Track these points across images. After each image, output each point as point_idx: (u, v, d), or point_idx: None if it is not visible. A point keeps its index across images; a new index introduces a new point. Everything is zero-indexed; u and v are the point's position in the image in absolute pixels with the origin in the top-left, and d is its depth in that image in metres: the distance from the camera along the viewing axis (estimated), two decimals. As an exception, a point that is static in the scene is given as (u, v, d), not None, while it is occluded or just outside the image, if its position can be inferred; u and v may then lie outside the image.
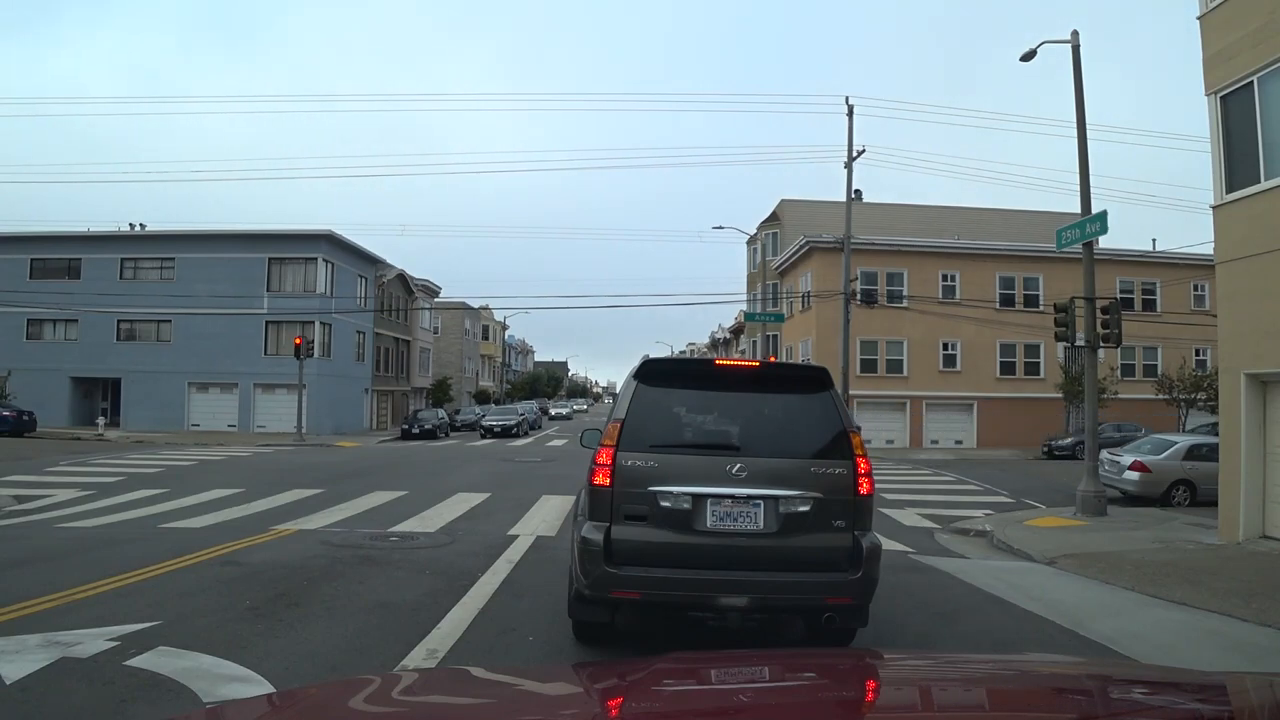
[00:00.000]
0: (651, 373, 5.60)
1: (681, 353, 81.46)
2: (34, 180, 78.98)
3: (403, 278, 51.24)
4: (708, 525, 5.07)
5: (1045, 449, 31.76)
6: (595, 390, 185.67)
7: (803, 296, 40.32)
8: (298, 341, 34.51)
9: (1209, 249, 12.88)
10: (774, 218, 48.35)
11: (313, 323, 38.97)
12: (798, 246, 40.41)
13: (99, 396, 40.90)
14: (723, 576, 5.03)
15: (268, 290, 39.87)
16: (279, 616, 6.38)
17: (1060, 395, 34.43)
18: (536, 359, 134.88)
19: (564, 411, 75.93)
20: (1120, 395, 33.81)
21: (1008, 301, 37.62)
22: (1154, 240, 73.59)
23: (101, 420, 35.32)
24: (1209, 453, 15.56)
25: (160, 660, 5.14)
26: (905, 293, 37.40)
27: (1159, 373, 35.39)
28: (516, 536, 10.66)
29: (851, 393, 31.02)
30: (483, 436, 40.19)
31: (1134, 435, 26.47)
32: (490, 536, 10.60)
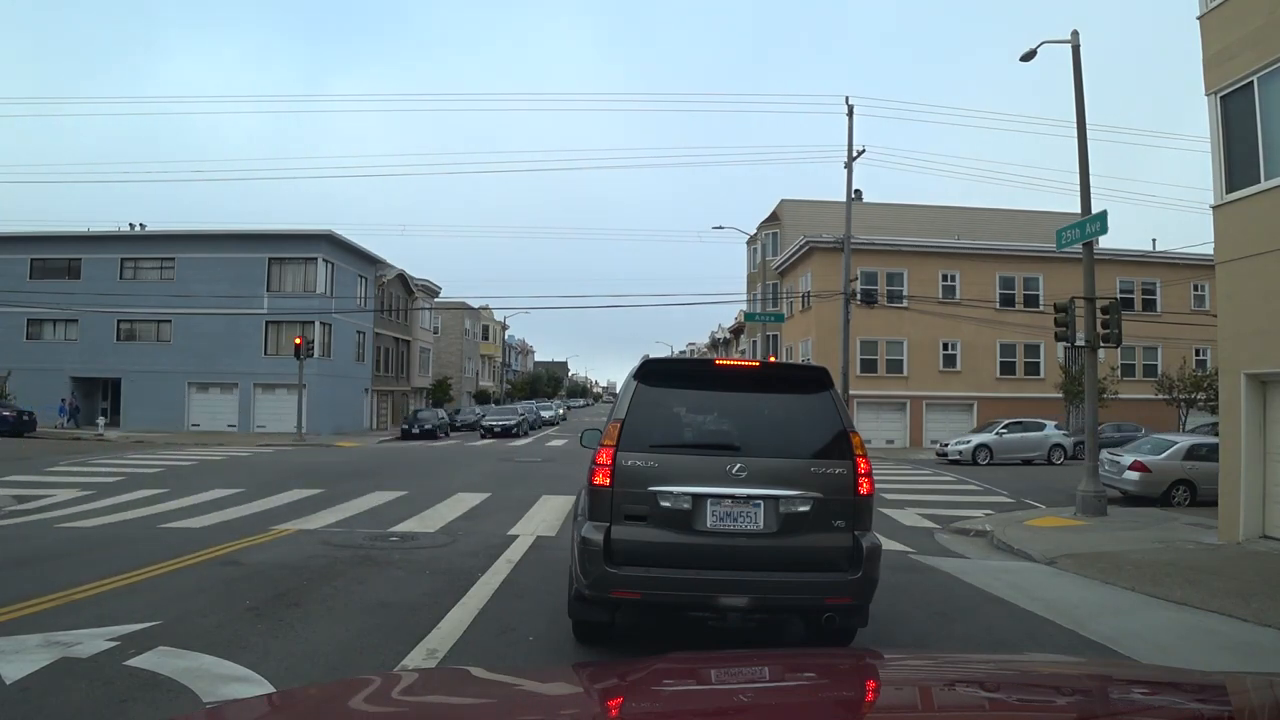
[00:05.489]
0: (651, 373, 5.60)
1: (681, 353, 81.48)
2: (34, 180, 79.03)
3: (403, 278, 51.24)
4: (708, 525, 5.07)
5: (1045, 449, 31.73)
6: (595, 390, 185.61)
7: (803, 296, 40.31)
8: (298, 341, 34.50)
9: (1209, 249, 12.88)
10: (774, 218, 48.34)
11: (313, 323, 38.97)
12: (798, 246, 40.41)
13: (99, 396, 40.90)
14: (723, 576, 5.03)
15: (268, 290, 39.86)
16: (279, 616, 6.38)
17: (1060, 395, 34.41)
18: (536, 359, 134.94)
19: (547, 415, 60.31)
20: (1120, 395, 33.79)
21: (1008, 301, 37.62)
22: (1154, 240, 73.71)
23: (101, 420, 35.32)
24: (1209, 453, 15.56)
25: (160, 660, 5.14)
26: (905, 293, 37.39)
27: (1159, 373, 35.38)
28: (516, 536, 10.66)
29: (851, 393, 31.01)
30: (483, 436, 40.18)
31: (1134, 435, 26.47)
32: (490, 536, 10.60)
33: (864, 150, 27.62)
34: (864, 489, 5.24)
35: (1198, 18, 12.40)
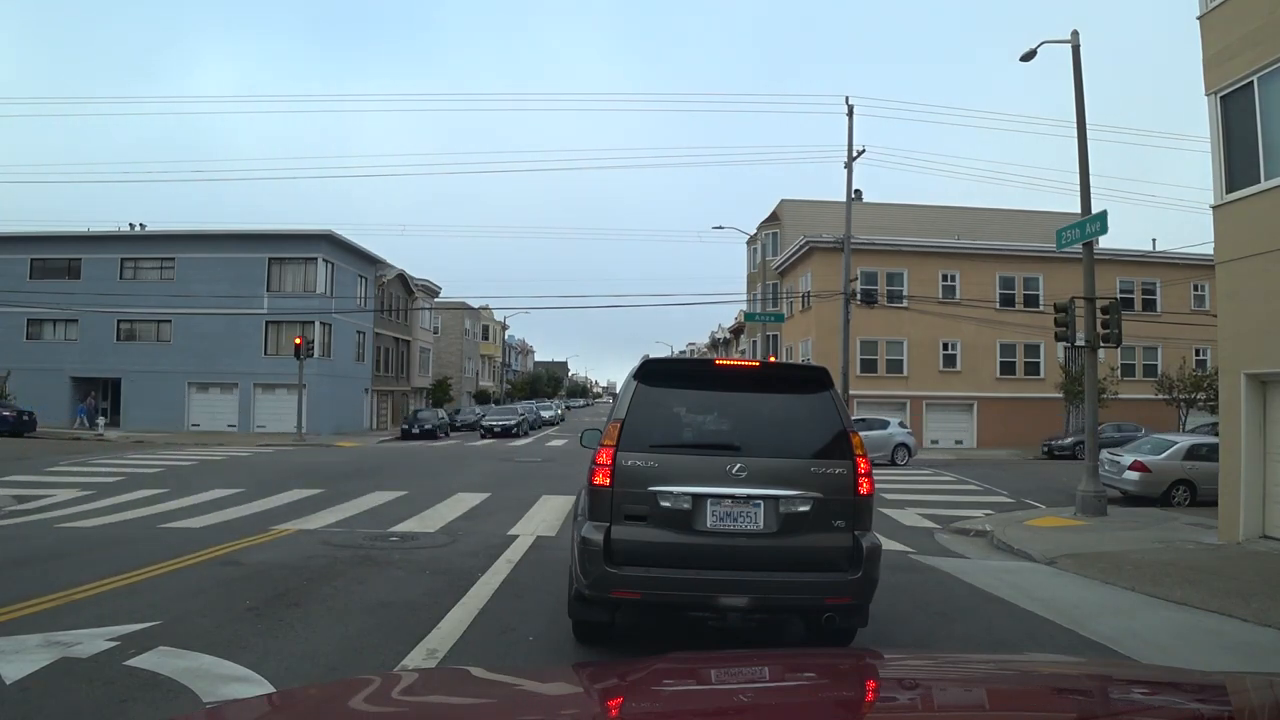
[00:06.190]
0: (652, 373, 5.60)
1: (681, 353, 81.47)
2: (34, 180, 79.00)
3: (403, 278, 51.24)
4: (708, 525, 5.07)
5: (1045, 449, 31.74)
6: (595, 390, 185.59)
7: (803, 296, 40.31)
8: (298, 341, 34.50)
9: (1209, 249, 12.88)
10: (774, 218, 48.34)
11: (313, 323, 38.96)
12: (798, 246, 40.41)
13: (99, 396, 40.91)
14: (723, 576, 5.03)
15: (268, 290, 39.86)
16: (279, 616, 6.38)
17: (1060, 395, 34.42)
18: (536, 359, 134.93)
19: (547, 415, 58.30)
20: (1120, 395, 33.79)
21: (1008, 301, 37.61)
22: (1154, 240, 73.62)
23: (101, 420, 35.30)
24: (1209, 453, 15.56)
25: (160, 660, 5.14)
26: (905, 293, 37.39)
27: (1159, 373, 35.39)
28: (516, 536, 10.66)
29: (851, 393, 30.99)
30: (483, 436, 40.18)
31: (1134, 435, 26.44)
32: (490, 536, 10.60)
33: (864, 150, 27.61)
34: (864, 489, 5.24)
35: (1198, 18, 12.40)
